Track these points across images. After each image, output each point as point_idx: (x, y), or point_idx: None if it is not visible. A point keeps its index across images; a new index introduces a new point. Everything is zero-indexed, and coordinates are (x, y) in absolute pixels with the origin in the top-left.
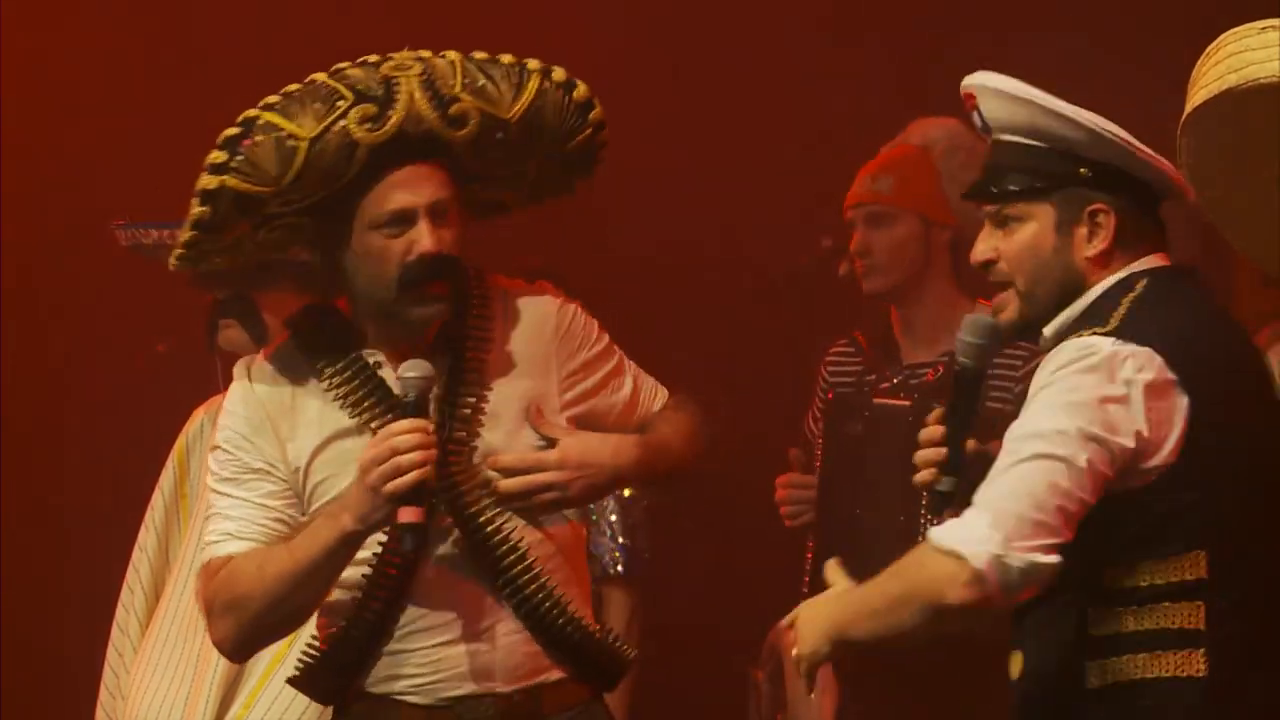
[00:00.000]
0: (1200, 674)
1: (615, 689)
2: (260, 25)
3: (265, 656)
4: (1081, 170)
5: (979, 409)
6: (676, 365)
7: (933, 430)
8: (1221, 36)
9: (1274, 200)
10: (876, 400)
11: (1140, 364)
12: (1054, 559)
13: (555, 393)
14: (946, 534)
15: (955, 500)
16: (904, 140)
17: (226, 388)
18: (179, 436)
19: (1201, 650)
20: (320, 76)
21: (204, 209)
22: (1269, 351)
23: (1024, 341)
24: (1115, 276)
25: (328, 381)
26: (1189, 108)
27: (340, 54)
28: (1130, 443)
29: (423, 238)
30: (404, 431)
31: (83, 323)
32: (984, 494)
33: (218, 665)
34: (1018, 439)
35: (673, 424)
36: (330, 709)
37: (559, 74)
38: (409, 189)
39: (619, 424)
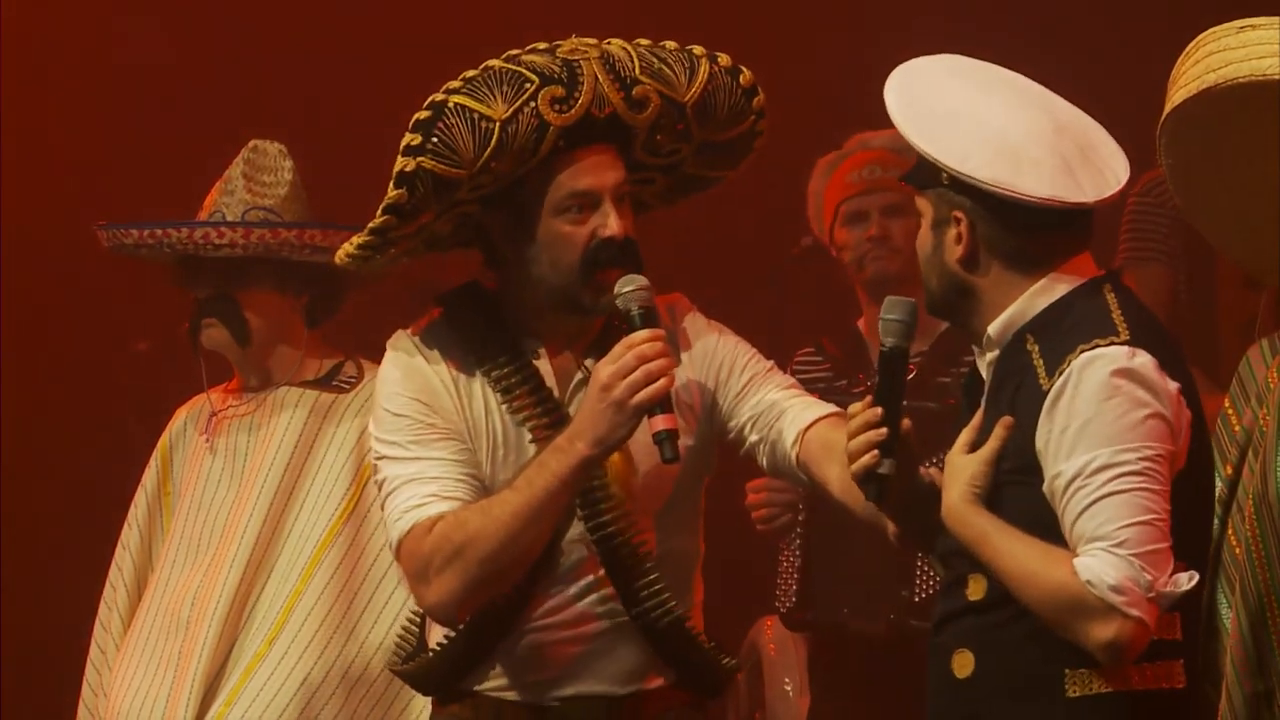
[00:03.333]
0: (1180, 686)
1: (717, 697)
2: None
3: (246, 654)
4: (943, 177)
5: (904, 390)
6: None
7: (869, 414)
8: (1200, 36)
9: (1254, 200)
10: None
11: (1163, 372)
12: (1196, 578)
13: (701, 404)
14: (1102, 585)
15: (891, 484)
16: (854, 149)
17: (210, 386)
18: (162, 435)
19: (1181, 662)
20: (496, 62)
21: (399, 192)
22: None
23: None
24: (1060, 282)
25: (486, 368)
26: (1168, 107)
27: (343, 55)
28: (1173, 448)
29: (610, 221)
30: (645, 341)
31: (64, 322)
32: (1095, 531)
33: (199, 663)
34: (1092, 473)
35: None
36: (315, 705)
37: (724, 59)
38: (594, 172)
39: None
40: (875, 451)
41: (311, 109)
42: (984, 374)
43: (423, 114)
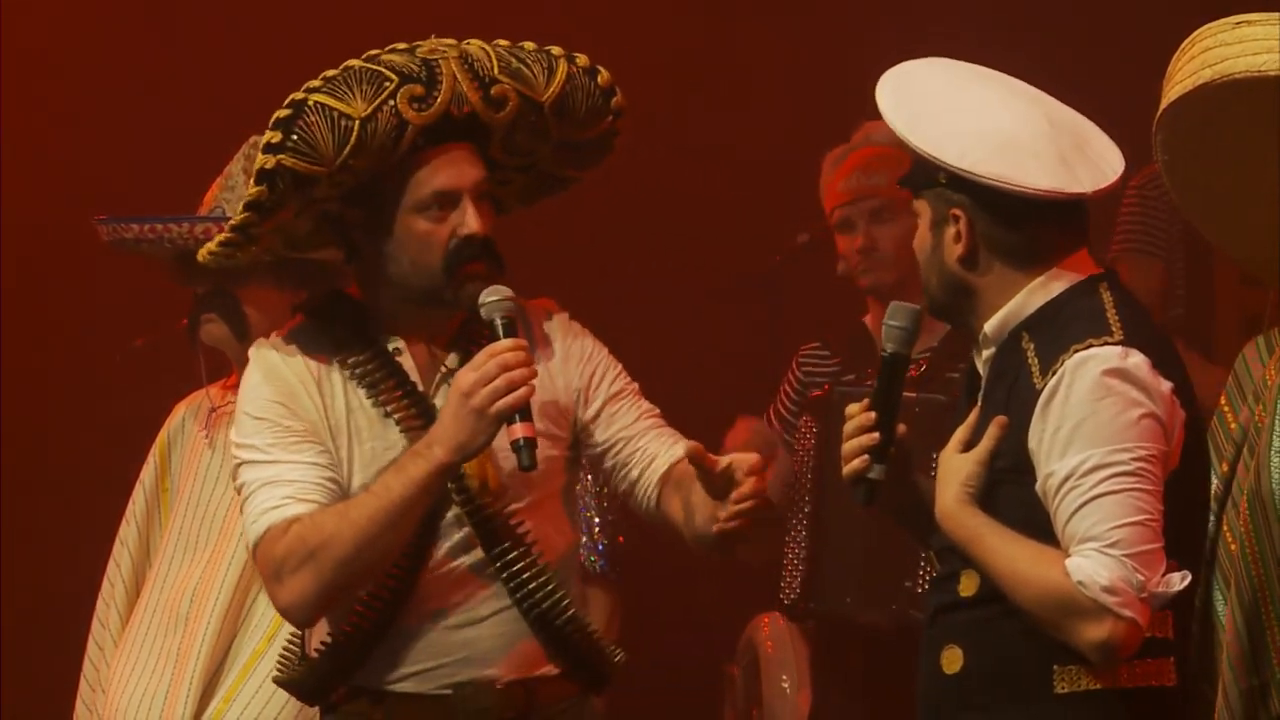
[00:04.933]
0: (1172, 683)
1: (603, 691)
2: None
3: (244, 651)
4: (940, 176)
5: (901, 395)
6: (648, 362)
7: (864, 417)
8: (1196, 32)
9: (1250, 196)
10: None
11: (1156, 372)
12: (1188, 578)
13: (568, 407)
14: (1095, 586)
15: (882, 488)
16: (868, 137)
17: (209, 382)
18: (160, 431)
19: (1172, 659)
20: (356, 62)
21: (260, 189)
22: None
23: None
24: (1057, 280)
25: (348, 365)
26: (1164, 103)
27: (336, 53)
28: (1166, 448)
29: (468, 219)
30: (508, 350)
31: (63, 318)
32: (1087, 531)
33: (198, 660)
34: (1085, 473)
35: None
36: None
37: (583, 60)
38: (452, 170)
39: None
40: (866, 456)
41: None
42: (981, 371)
43: (283, 112)
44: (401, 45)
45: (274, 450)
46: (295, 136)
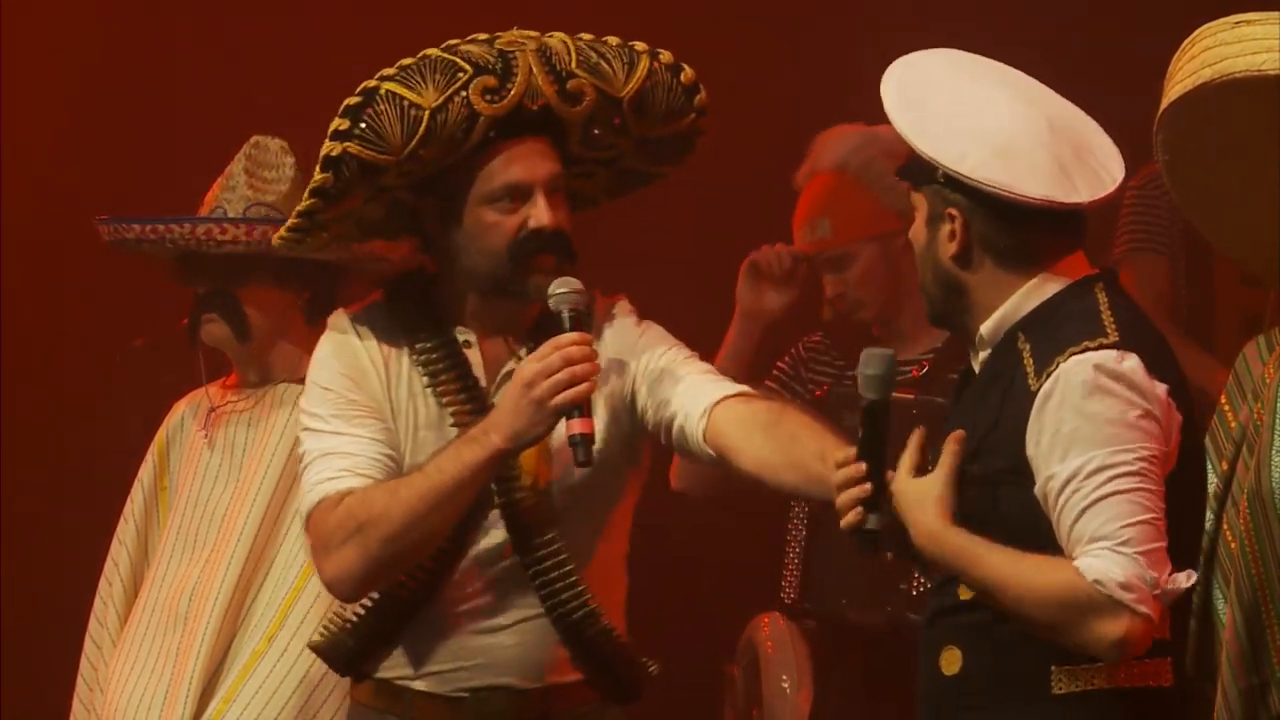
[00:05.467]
0: (1169, 684)
1: (632, 703)
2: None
3: (244, 651)
4: (938, 175)
5: (890, 440)
6: None
7: (853, 470)
8: (1196, 32)
9: (1250, 196)
10: None
11: (1151, 375)
12: (1194, 577)
13: (631, 413)
14: (1111, 583)
15: (882, 536)
16: (815, 166)
17: (209, 381)
18: (159, 430)
19: (1169, 660)
20: (434, 51)
21: (326, 175)
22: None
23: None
24: (1051, 281)
25: (416, 351)
26: (1164, 103)
27: (345, 55)
28: (1165, 448)
29: (539, 213)
30: (573, 343)
31: (62, 317)
32: (1096, 531)
33: (197, 660)
34: (1089, 475)
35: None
36: (314, 702)
37: (666, 56)
38: (525, 164)
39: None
40: (861, 509)
41: (312, 106)
42: (977, 373)
43: (353, 99)
44: (482, 36)
45: (336, 421)
46: (363, 124)
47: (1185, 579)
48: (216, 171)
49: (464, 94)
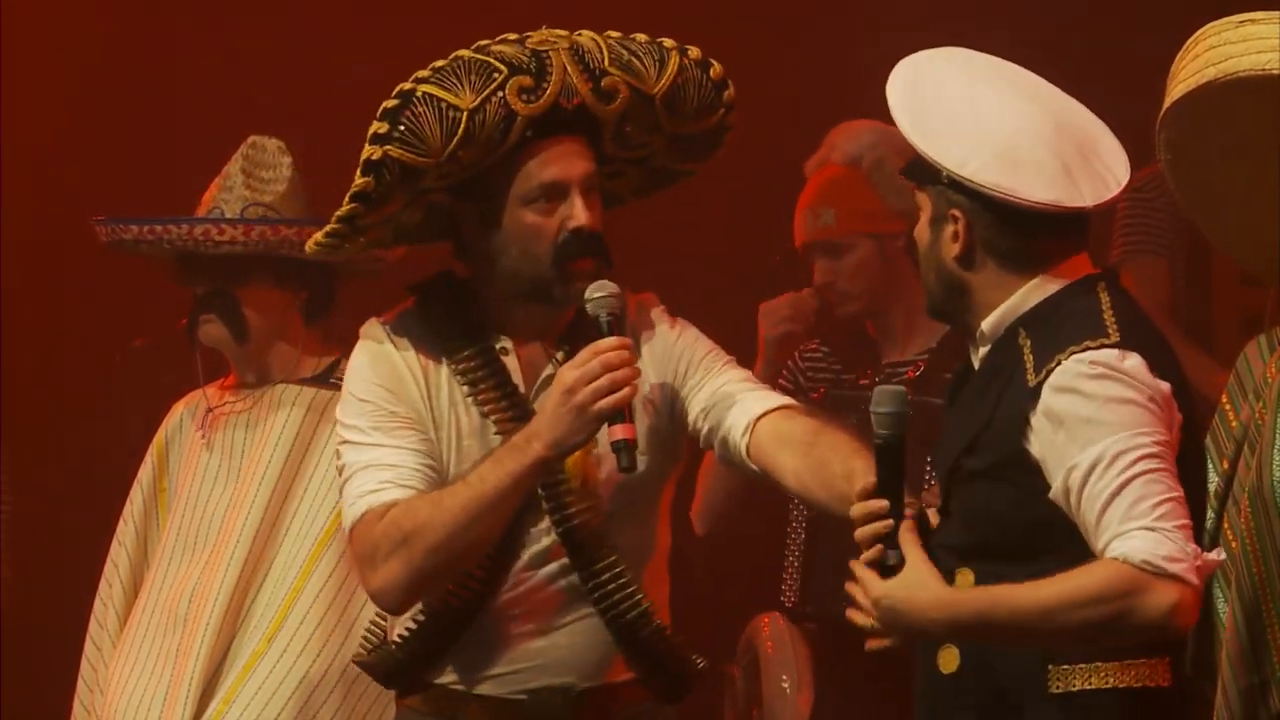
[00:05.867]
0: (1167, 684)
1: (683, 699)
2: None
3: (244, 652)
4: (942, 176)
5: (906, 474)
6: None
7: (873, 505)
8: (1200, 31)
9: (1253, 196)
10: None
11: (1154, 375)
12: (1223, 554)
13: (670, 407)
14: (1157, 558)
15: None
16: (827, 157)
17: (207, 382)
18: (158, 431)
19: (1168, 660)
20: (465, 52)
21: (367, 179)
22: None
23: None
24: (1053, 281)
25: (453, 360)
26: (1168, 102)
27: (344, 56)
28: (1171, 438)
29: (577, 212)
30: (613, 349)
31: (61, 318)
32: (1127, 513)
33: (197, 661)
34: (1111, 459)
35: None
36: (314, 703)
37: (695, 52)
38: (561, 163)
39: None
40: (880, 545)
41: (310, 105)
42: (977, 369)
43: (390, 102)
44: (512, 36)
45: (376, 434)
46: (403, 127)
47: (1217, 553)
48: (214, 172)
49: (500, 94)
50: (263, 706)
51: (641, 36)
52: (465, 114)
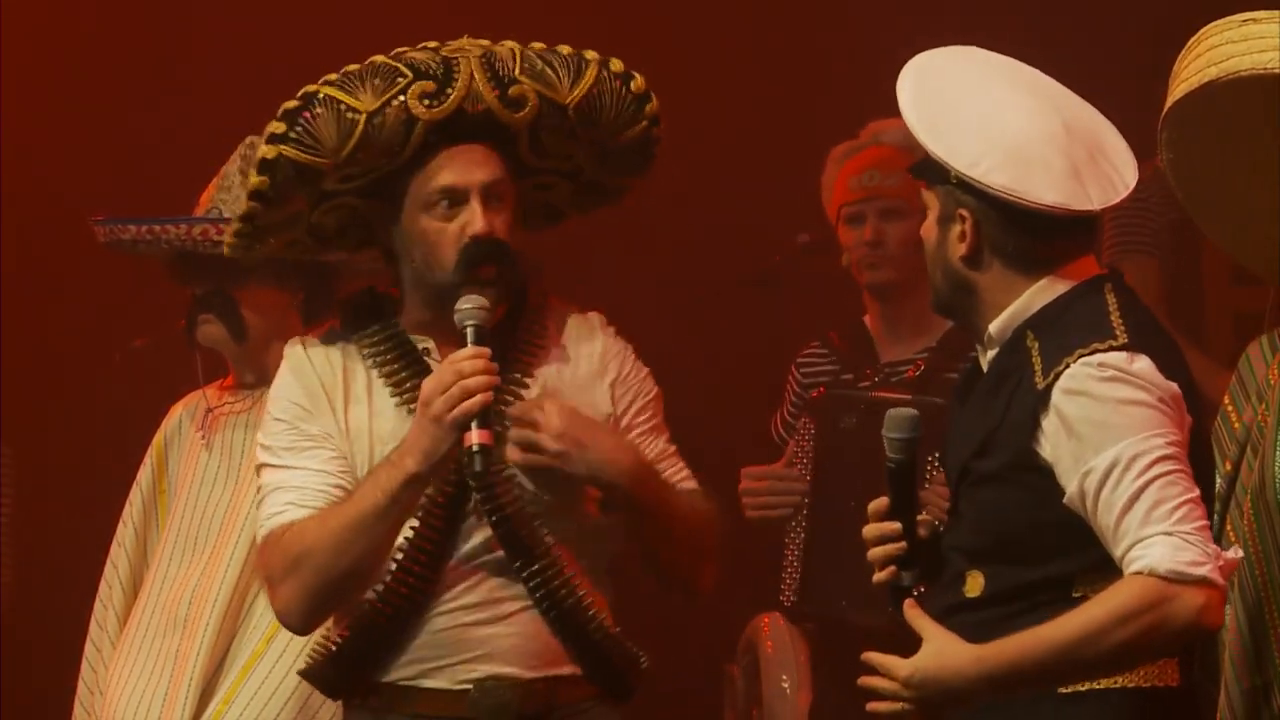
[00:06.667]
0: (1174, 683)
1: (629, 699)
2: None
3: (243, 652)
4: (951, 176)
5: (919, 495)
6: (646, 362)
7: (886, 526)
8: (1202, 30)
9: (1254, 195)
10: (874, 394)
11: (1162, 376)
12: (1241, 552)
13: (603, 415)
14: (1180, 564)
15: (913, 589)
16: (875, 138)
17: (206, 383)
18: (157, 432)
19: (1176, 659)
20: (379, 58)
21: (262, 179)
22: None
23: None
24: (1060, 282)
25: (378, 370)
26: (1169, 101)
27: (340, 56)
28: (1182, 437)
29: (474, 218)
30: (466, 358)
31: (61, 318)
32: (1146, 518)
33: (196, 661)
34: (1128, 463)
35: (686, 495)
36: (313, 703)
37: (617, 65)
38: (461, 168)
39: None
40: (893, 567)
41: None
42: (985, 371)
43: (291, 103)
44: (432, 43)
45: (287, 455)
46: (299, 128)
47: (1234, 553)
48: (212, 172)
49: (402, 99)
50: (262, 706)
51: (566, 48)
52: (364, 116)
